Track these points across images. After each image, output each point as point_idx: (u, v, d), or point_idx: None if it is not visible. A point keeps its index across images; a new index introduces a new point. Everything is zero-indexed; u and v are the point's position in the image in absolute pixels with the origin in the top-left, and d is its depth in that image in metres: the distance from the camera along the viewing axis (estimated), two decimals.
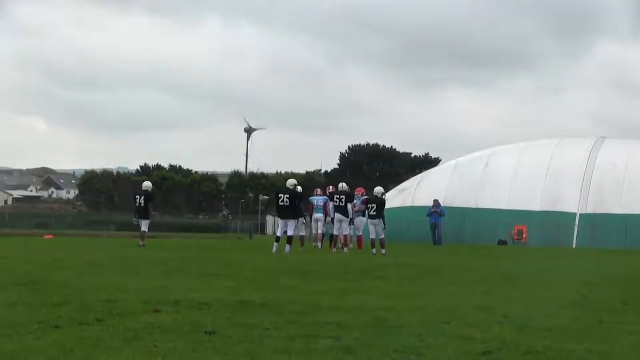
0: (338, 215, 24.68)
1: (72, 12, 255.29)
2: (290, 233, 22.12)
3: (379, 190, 23.77)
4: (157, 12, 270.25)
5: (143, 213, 25.55)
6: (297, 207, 22.47)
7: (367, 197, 25.56)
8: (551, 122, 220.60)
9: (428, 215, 36.53)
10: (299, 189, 23.55)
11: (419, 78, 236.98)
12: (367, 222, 24.03)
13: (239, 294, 10.16)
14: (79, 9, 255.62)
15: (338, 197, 24.91)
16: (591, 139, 44.17)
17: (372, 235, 22.98)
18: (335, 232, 25.05)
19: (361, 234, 26.43)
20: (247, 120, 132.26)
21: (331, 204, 25.29)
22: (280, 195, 22.42)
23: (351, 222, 24.96)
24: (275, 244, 22.34)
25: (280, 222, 22.75)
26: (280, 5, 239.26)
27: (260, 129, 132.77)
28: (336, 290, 11.13)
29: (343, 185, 26.06)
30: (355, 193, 25.92)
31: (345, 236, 25.03)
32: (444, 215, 36.36)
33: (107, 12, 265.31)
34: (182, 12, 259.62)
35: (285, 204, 22.11)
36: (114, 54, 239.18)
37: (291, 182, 23.10)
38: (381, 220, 22.82)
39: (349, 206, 24.63)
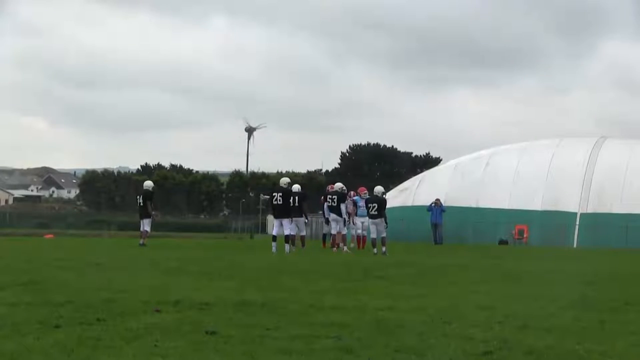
0: (333, 215, 24.69)
1: (73, 11, 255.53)
2: (287, 232, 22.14)
3: (378, 189, 23.77)
4: (160, 11, 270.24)
5: (143, 212, 25.69)
6: (294, 206, 22.46)
7: (354, 199, 25.68)
8: (555, 122, 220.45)
9: (428, 210, 36.46)
10: (296, 187, 23.52)
11: (420, 77, 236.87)
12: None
13: (240, 294, 10.16)
14: (80, 7, 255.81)
15: (330, 197, 24.92)
16: (592, 138, 44.16)
17: (373, 235, 22.99)
18: (332, 232, 25.05)
19: (363, 233, 26.39)
20: (247, 119, 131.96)
21: (325, 204, 25.32)
22: (274, 194, 22.49)
23: (345, 222, 24.96)
24: (273, 244, 22.35)
25: (274, 221, 22.84)
26: (284, 4, 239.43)
27: (260, 126, 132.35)
28: (337, 290, 11.13)
29: (338, 185, 26.03)
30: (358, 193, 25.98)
31: (344, 235, 25.03)
32: (444, 211, 36.34)
33: (109, 10, 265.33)
34: (185, 11, 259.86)
35: (279, 202, 22.17)
36: (115, 53, 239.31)
37: (284, 181, 23.15)
38: (382, 219, 22.82)
39: (342, 206, 24.62)
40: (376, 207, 22.88)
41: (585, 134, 55.92)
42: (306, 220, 24.62)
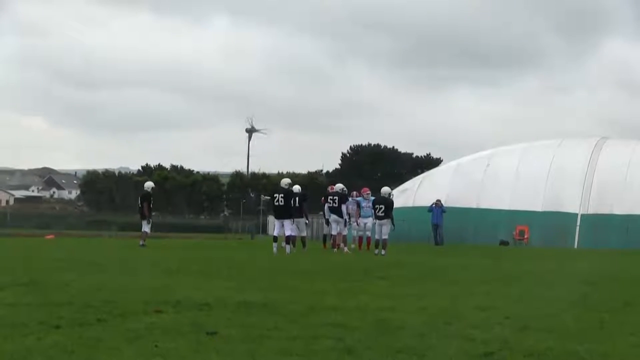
0: (334, 216, 24.72)
1: (73, 11, 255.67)
2: (288, 233, 22.18)
3: (385, 190, 23.81)
4: (160, 11, 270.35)
5: (141, 213, 25.83)
6: (295, 207, 22.51)
7: (357, 200, 25.75)
8: (557, 122, 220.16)
9: (429, 211, 36.56)
10: (296, 187, 23.57)
11: (421, 78, 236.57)
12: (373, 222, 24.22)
13: (240, 294, 10.16)
14: (81, 7, 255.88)
15: (331, 198, 24.95)
16: (592, 139, 44.13)
17: (377, 235, 23.10)
18: (332, 232, 25.10)
19: (367, 234, 26.36)
20: (252, 121, 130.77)
21: (326, 205, 25.37)
22: (275, 195, 22.56)
23: (346, 223, 24.98)
24: (274, 244, 22.39)
25: (276, 221, 22.90)
26: (284, 4, 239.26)
27: (262, 131, 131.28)
28: (337, 291, 11.14)
29: (338, 186, 26.06)
30: (362, 193, 26.15)
31: (344, 236, 25.05)
32: (445, 211, 36.42)
33: (109, 10, 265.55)
34: (185, 11, 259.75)
35: (280, 203, 22.24)
36: (116, 53, 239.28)
37: (285, 182, 23.21)
38: (389, 220, 22.91)
39: (343, 207, 24.65)
40: (383, 208, 22.95)
41: (586, 134, 55.92)
42: (307, 221, 24.66)
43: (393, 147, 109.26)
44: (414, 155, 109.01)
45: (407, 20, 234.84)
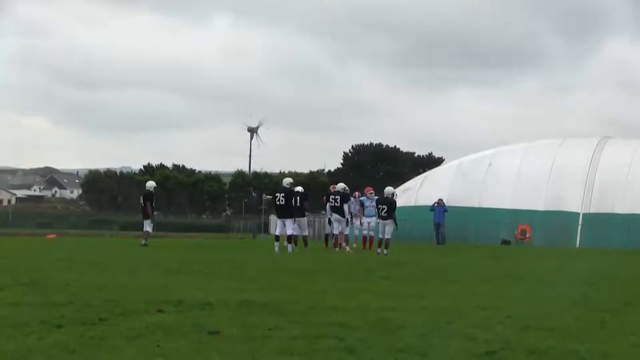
0: (335, 216, 24.74)
1: (74, 11, 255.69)
2: (289, 232, 22.20)
3: (389, 190, 23.85)
4: (160, 10, 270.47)
5: (143, 213, 25.82)
6: (296, 206, 22.56)
7: (361, 199, 25.80)
8: (557, 122, 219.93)
9: (431, 210, 36.58)
10: (298, 188, 23.65)
11: (421, 78, 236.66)
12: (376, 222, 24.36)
13: (242, 294, 10.16)
14: (81, 7, 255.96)
15: (333, 197, 24.97)
16: (594, 138, 44.09)
17: (380, 235, 23.17)
18: (335, 232, 25.13)
19: (370, 233, 26.37)
20: (252, 118, 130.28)
21: (328, 205, 25.39)
22: (277, 195, 22.64)
23: (347, 222, 25.01)
24: (276, 244, 22.44)
25: (277, 221, 22.97)
26: (284, 4, 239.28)
27: (261, 124, 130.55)
28: (339, 290, 11.14)
29: (340, 185, 26.08)
30: (366, 192, 26.23)
31: (346, 235, 25.06)
32: (447, 211, 36.43)
33: (109, 10, 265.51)
34: (185, 11, 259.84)
35: (281, 202, 22.30)
36: (116, 53, 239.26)
37: (287, 181, 23.29)
38: (392, 220, 22.96)
39: (345, 206, 24.67)
40: (386, 208, 23.00)
41: (587, 134, 56.05)
42: (307, 212, 24.71)
43: (395, 146, 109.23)
44: (416, 155, 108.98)
45: (407, 20, 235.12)
